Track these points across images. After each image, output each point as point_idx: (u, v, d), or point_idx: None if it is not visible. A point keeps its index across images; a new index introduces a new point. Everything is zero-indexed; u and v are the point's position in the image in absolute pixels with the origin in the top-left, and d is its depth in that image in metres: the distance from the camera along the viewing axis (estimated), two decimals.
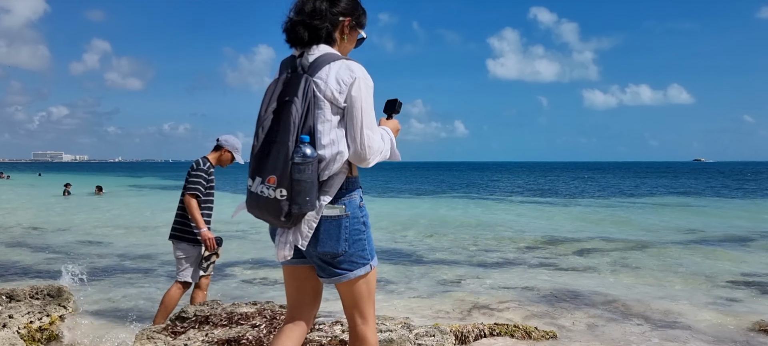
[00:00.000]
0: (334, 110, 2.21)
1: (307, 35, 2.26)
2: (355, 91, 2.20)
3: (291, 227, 2.26)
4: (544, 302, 7.05)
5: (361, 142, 2.21)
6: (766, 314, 6.53)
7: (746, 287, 8.07)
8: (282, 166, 2.12)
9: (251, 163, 2.25)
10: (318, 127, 2.20)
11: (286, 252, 2.30)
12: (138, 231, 14.80)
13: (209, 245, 5.28)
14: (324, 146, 2.20)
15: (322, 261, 2.32)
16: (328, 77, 2.20)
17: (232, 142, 5.49)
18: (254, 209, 2.25)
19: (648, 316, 6.43)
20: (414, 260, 10.44)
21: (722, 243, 12.81)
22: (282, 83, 2.23)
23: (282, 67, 2.33)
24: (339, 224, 2.28)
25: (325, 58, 2.23)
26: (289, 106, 2.15)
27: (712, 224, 17.02)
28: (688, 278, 8.64)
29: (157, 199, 28.68)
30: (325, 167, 2.22)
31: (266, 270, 9.34)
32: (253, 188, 2.21)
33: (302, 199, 2.15)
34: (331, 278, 2.34)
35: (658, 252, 11.33)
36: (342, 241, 2.28)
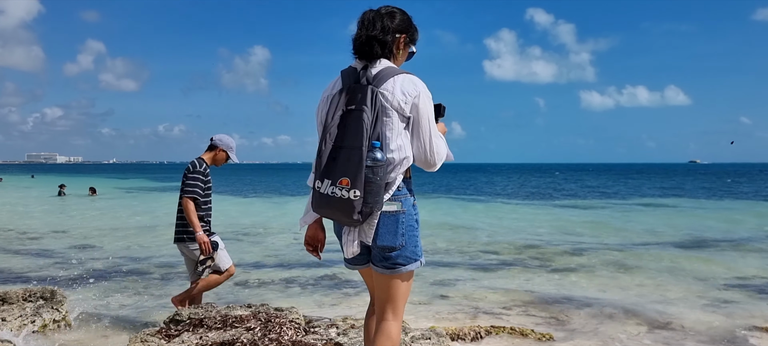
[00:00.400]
0: (400, 119, 2.42)
1: (376, 50, 2.49)
2: (421, 103, 2.44)
3: (358, 226, 2.45)
4: (541, 304, 7.05)
5: (431, 150, 2.46)
6: (761, 316, 6.56)
7: (740, 289, 8.08)
8: (355, 169, 2.30)
9: (318, 167, 2.42)
10: (386, 133, 2.40)
11: (355, 248, 2.50)
12: (131, 233, 14.73)
13: (204, 249, 5.27)
14: (392, 151, 2.42)
15: (381, 255, 2.52)
16: (394, 89, 2.41)
17: (227, 142, 5.48)
18: (324, 208, 2.43)
19: (643, 318, 6.43)
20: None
21: (715, 245, 12.84)
22: (347, 93, 2.42)
23: (344, 77, 2.52)
24: (396, 219, 2.47)
25: (388, 72, 2.44)
26: (359, 114, 2.34)
27: (704, 226, 17.07)
28: (682, 280, 8.65)
29: (151, 201, 28.57)
30: (392, 170, 2.44)
31: (261, 272, 9.31)
32: (322, 189, 2.38)
33: (373, 199, 2.35)
34: (387, 270, 2.54)
35: (653, 254, 11.34)
36: (399, 235, 2.49)
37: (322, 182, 2.38)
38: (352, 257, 2.56)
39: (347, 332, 4.89)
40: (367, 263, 2.63)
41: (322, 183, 2.38)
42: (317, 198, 2.43)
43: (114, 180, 60.16)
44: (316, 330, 5.12)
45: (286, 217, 19.78)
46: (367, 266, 2.64)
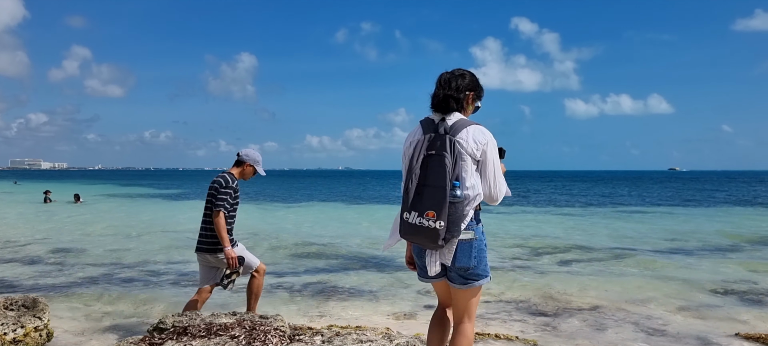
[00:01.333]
0: (472, 162, 2.95)
1: (451, 105, 3.02)
2: (489, 149, 2.98)
3: (440, 249, 2.96)
4: (526, 310, 7.07)
5: (495, 188, 3.00)
6: (747, 321, 6.62)
7: (726, 294, 8.16)
8: (440, 204, 2.82)
9: (406, 202, 2.93)
10: (462, 175, 2.92)
11: (437, 268, 3.03)
12: (115, 241, 14.60)
13: (232, 264, 5.37)
14: (467, 189, 2.93)
15: (457, 273, 3.05)
16: (467, 138, 2.94)
17: (253, 156, 5.62)
18: (412, 235, 2.95)
19: (630, 323, 6.47)
20: (397, 269, 10.41)
21: (692, 251, 12.96)
22: (428, 141, 2.94)
23: (424, 127, 3.04)
24: (470, 245, 3.01)
25: (461, 123, 2.97)
26: (442, 159, 2.86)
27: (682, 231, 17.22)
28: (668, 286, 8.71)
29: (136, 208, 28.32)
30: (468, 204, 2.94)
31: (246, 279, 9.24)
32: (411, 219, 2.90)
33: (454, 228, 2.88)
34: (463, 286, 3.08)
35: (637, 260, 11.43)
36: (472, 258, 3.02)
37: (410, 214, 2.90)
38: (432, 274, 3.08)
39: (332, 340, 4.87)
40: (441, 278, 3.15)
41: (410, 214, 2.90)
42: (406, 227, 2.94)
43: (99, 186, 59.63)
44: (302, 338, 5.11)
45: (273, 224, 19.70)
46: (441, 280, 3.17)
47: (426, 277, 3.18)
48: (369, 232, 17.00)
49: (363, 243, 14.20)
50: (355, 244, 13.97)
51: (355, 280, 9.12)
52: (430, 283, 3.23)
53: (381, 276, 9.51)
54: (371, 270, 10.16)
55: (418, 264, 3.19)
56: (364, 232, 16.99)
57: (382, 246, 3.28)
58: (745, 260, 11.57)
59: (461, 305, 3.13)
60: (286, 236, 15.59)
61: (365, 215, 23.92)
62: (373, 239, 15.09)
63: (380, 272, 10.03)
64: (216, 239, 5.41)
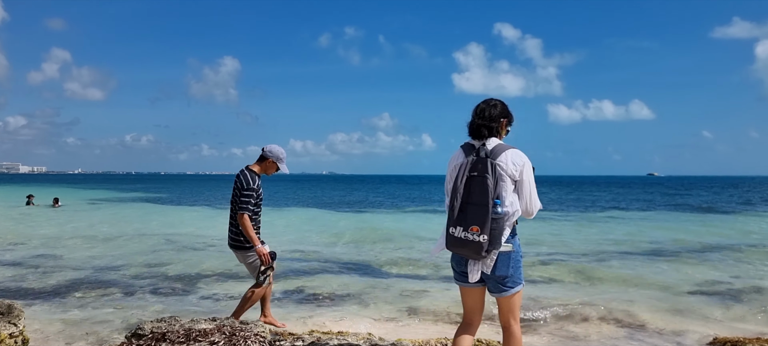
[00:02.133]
0: (511, 182, 3.31)
1: (486, 133, 3.39)
2: (526, 171, 3.35)
3: (481, 260, 3.31)
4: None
5: (531, 204, 3.37)
6: (724, 322, 6.71)
7: (702, 296, 8.25)
8: (484, 220, 3.17)
9: (451, 217, 3.28)
10: (502, 193, 3.28)
11: (477, 276, 3.37)
12: (94, 245, 14.41)
13: (265, 260, 5.53)
14: (507, 206, 3.29)
15: (495, 282, 3.39)
16: (506, 160, 3.30)
17: (277, 153, 5.68)
18: (458, 248, 3.30)
19: (610, 327, 6.52)
20: (379, 273, 10.40)
21: (672, 255, 13.10)
22: (470, 163, 3.30)
23: (465, 150, 3.42)
24: (508, 256, 3.36)
25: (500, 148, 3.35)
26: (485, 180, 3.22)
27: (659, 236, 17.41)
28: (644, 289, 8.80)
29: (116, 212, 28.00)
30: (507, 220, 3.29)
31: (227, 285, 9.19)
32: (457, 233, 3.25)
33: (495, 241, 3.23)
34: (501, 293, 3.42)
35: (616, 263, 11.53)
36: (510, 268, 3.36)
37: (456, 229, 3.25)
38: (472, 281, 3.40)
39: None
40: (479, 285, 3.48)
41: (455, 229, 3.25)
42: (452, 240, 3.28)
43: (79, 191, 58.88)
44: (282, 344, 5.08)
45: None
46: (475, 286, 3.48)
47: (465, 282, 3.49)
48: (352, 237, 16.97)
49: (345, 248, 14.17)
50: (337, 249, 13.94)
51: (336, 285, 9.09)
52: (466, 288, 3.53)
53: (363, 281, 9.49)
54: (353, 275, 10.14)
55: (457, 271, 3.54)
56: (347, 237, 16.95)
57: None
58: (717, 262, 11.71)
59: (505, 310, 3.48)
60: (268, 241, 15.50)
61: (349, 220, 23.88)
62: (355, 243, 15.06)
63: (362, 277, 10.02)
64: (240, 237, 5.53)
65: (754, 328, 6.63)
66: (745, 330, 6.49)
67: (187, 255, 12.63)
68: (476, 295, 3.54)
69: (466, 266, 3.42)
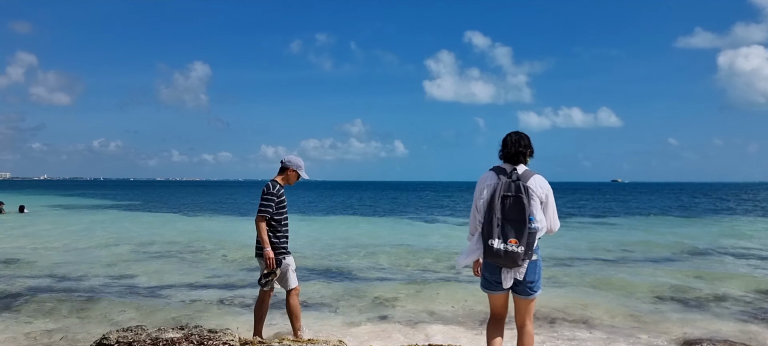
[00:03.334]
0: (540, 202, 3.86)
1: (520, 159, 3.96)
2: (550, 194, 3.93)
3: (516, 268, 3.82)
4: (477, 321, 7.14)
5: (554, 222, 3.96)
6: (691, 325, 6.84)
7: (667, 301, 8.41)
8: (520, 233, 3.72)
9: (490, 231, 3.77)
10: (534, 212, 3.81)
11: (510, 282, 3.89)
12: (59, 253, 14.09)
13: (269, 264, 5.54)
14: (537, 222, 3.81)
15: (525, 286, 3.91)
16: (535, 184, 3.86)
17: (296, 162, 5.87)
18: (497, 258, 3.78)
19: (576, 332, 6.60)
20: (351, 279, 10.38)
21: (633, 261, 13.33)
22: (504, 185, 3.82)
23: (498, 173, 3.93)
24: (535, 264, 3.91)
25: (528, 173, 3.90)
26: (520, 199, 3.76)
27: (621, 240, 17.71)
28: (609, 294, 8.92)
29: (83, 218, 27.43)
30: (537, 234, 3.82)
31: (195, 292, 9.07)
32: (495, 245, 3.74)
33: (529, 252, 3.77)
34: (527, 296, 3.96)
35: (577, 269, 11.69)
36: (536, 274, 3.93)
37: (496, 241, 3.74)
38: (507, 287, 3.92)
39: None
40: (507, 290, 3.98)
41: (495, 241, 3.74)
42: (492, 251, 3.76)
43: (45, 197, 57.58)
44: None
45: (228, 236, 19.38)
46: (503, 292, 4.00)
47: (498, 289, 3.98)
48: (325, 243, 16.90)
49: (318, 255, 14.11)
50: (310, 256, 13.86)
51: (308, 291, 9.05)
52: (496, 294, 4.03)
53: (335, 288, 9.46)
54: (325, 282, 10.10)
55: (491, 279, 3.97)
56: (319, 243, 16.88)
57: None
58: (681, 267, 11.96)
59: (524, 312, 4.02)
60: (239, 248, 15.35)
61: (320, 226, 23.80)
62: (328, 249, 15.00)
63: (335, 283, 9.98)
64: (272, 243, 5.60)
65: (722, 329, 6.77)
66: (712, 332, 6.62)
67: (154, 263, 12.45)
68: (504, 299, 4.09)
69: (500, 275, 3.91)
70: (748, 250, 15.44)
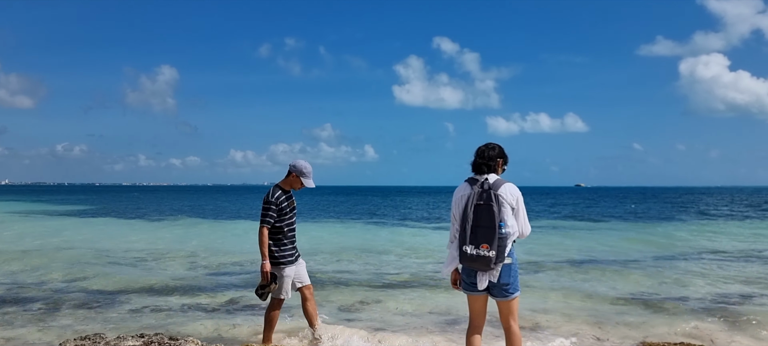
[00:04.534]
0: (511, 209, 4.06)
1: (486, 169, 4.19)
2: (520, 201, 4.13)
3: (489, 271, 4.06)
4: (441, 324, 7.18)
5: (525, 227, 4.13)
6: (652, 325, 6.98)
7: (628, 304, 8.56)
8: (492, 239, 3.93)
9: (464, 238, 4.00)
10: (504, 218, 4.01)
11: (485, 284, 4.11)
12: (17, 259, 13.66)
13: (264, 277, 5.41)
14: (508, 227, 4.02)
15: (500, 289, 4.12)
16: (506, 192, 4.06)
17: (299, 167, 5.58)
18: (471, 262, 4.02)
19: (537, 335, 6.68)
20: (319, 285, 10.34)
21: (593, 263, 13.54)
22: (476, 194, 4.05)
23: (470, 183, 4.17)
24: (510, 267, 4.12)
25: (499, 182, 4.11)
26: (490, 207, 3.97)
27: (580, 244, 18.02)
28: (571, 298, 9.03)
29: (43, 224, 26.75)
30: (508, 239, 4.02)
31: (160, 298, 8.93)
32: (470, 251, 3.98)
33: (500, 256, 3.98)
34: (504, 298, 4.16)
35: (539, 274, 11.84)
36: (511, 276, 4.12)
37: (469, 246, 3.97)
38: (481, 288, 4.14)
39: None
40: (484, 292, 4.19)
41: (468, 247, 3.97)
42: (465, 256, 4.01)
43: (4, 203, 56.02)
44: None
45: (194, 241, 19.13)
46: (482, 293, 4.20)
47: (474, 290, 4.19)
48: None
49: None
50: None
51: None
52: (474, 296, 4.24)
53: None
54: None
55: (467, 281, 4.21)
56: None
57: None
58: (640, 271, 12.20)
59: (506, 313, 4.21)
60: (205, 253, 15.18)
61: None
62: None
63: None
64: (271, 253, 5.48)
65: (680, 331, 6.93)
66: (670, 334, 6.77)
67: (114, 269, 12.23)
68: (481, 301, 4.27)
69: (476, 277, 4.13)
70: (706, 252, 15.83)
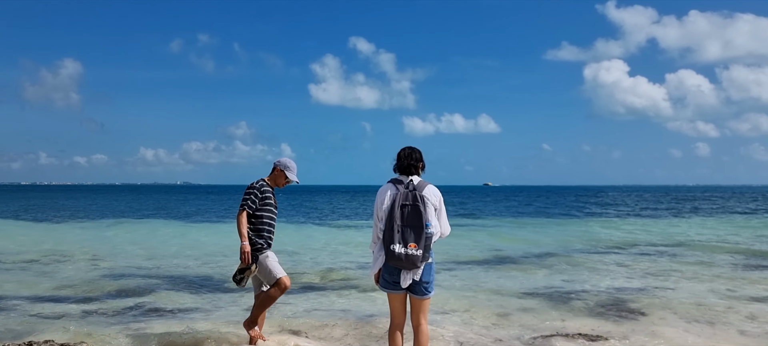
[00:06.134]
0: (434, 209, 4.27)
1: (413, 171, 4.36)
2: (442, 201, 4.35)
3: (413, 270, 4.19)
4: (346, 324, 7.14)
5: (446, 227, 4.38)
6: (550, 318, 7.24)
7: (530, 298, 8.86)
8: (419, 238, 4.11)
9: (392, 237, 4.11)
10: (429, 218, 4.21)
11: (408, 283, 4.22)
12: None
13: (244, 259, 5.30)
14: (433, 227, 4.22)
15: (421, 286, 4.27)
16: (430, 193, 4.28)
17: (284, 162, 5.60)
18: (399, 261, 4.13)
19: (442, 331, 6.77)
20: (229, 287, 10.07)
21: (494, 262, 13.96)
22: (402, 195, 4.20)
23: (395, 184, 4.31)
24: (430, 266, 4.31)
25: (422, 183, 4.32)
26: (417, 207, 4.15)
27: (485, 242, 18.62)
28: (481, 294, 9.26)
29: None
30: (432, 238, 4.21)
31: (56, 305, 8.39)
32: (397, 250, 4.09)
33: (425, 255, 4.16)
34: (423, 295, 4.32)
35: (447, 270, 12.09)
36: (430, 275, 4.32)
37: (397, 245, 4.09)
38: (405, 286, 4.25)
39: None
40: (402, 291, 4.30)
41: (396, 246, 4.09)
42: (394, 255, 4.12)
43: None
44: None
45: (96, 243, 18.16)
46: (402, 292, 4.32)
47: (396, 289, 4.30)
48: (205, 250, 16.28)
49: (197, 261, 13.59)
50: (189, 262, 13.33)
51: (183, 299, 8.68)
52: (394, 294, 4.34)
53: (206, 292, 9.17)
54: (201, 289, 9.76)
55: (390, 280, 4.29)
56: (200, 249, 16.24)
57: (370, 273, 4.49)
58: (544, 266, 12.72)
59: (419, 311, 4.35)
60: (108, 256, 14.47)
61: (202, 232, 22.97)
62: (204, 256, 14.46)
63: (211, 290, 9.67)
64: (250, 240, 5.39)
65: (576, 323, 7.22)
66: (566, 326, 7.05)
67: (4, 275, 11.43)
68: (402, 299, 4.38)
69: (399, 275, 4.22)
70: (606, 247, 16.71)
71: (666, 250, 16.26)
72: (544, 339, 6.40)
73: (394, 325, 4.42)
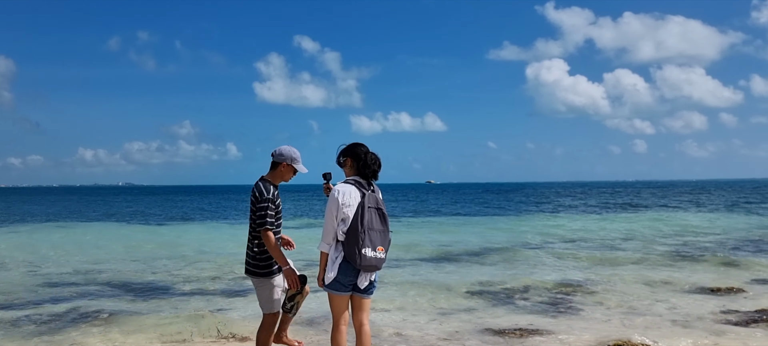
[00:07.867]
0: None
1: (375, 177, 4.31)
2: None
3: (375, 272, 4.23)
4: (297, 328, 7.09)
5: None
6: (498, 315, 7.38)
7: (478, 296, 9.00)
8: (386, 242, 4.15)
9: (362, 241, 4.01)
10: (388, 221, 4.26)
11: (365, 284, 4.18)
12: None
13: (292, 285, 4.59)
14: (391, 231, 4.27)
15: (372, 286, 4.28)
16: (381, 198, 4.29)
17: (288, 154, 4.73)
18: (369, 265, 4.06)
19: (383, 327, 6.80)
20: (170, 292, 9.85)
21: (437, 259, 14.13)
22: (369, 199, 4.11)
23: (359, 187, 4.17)
24: None
25: (376, 188, 4.29)
26: (382, 212, 4.16)
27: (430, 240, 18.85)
28: (425, 291, 9.32)
29: None
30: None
31: None
32: (368, 254, 4.02)
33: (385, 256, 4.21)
34: (369, 295, 4.31)
35: (388, 267, 12.18)
36: (376, 274, 4.29)
37: (366, 250, 4.02)
38: (362, 288, 4.19)
39: None
40: (350, 291, 4.22)
41: (366, 250, 4.02)
42: (365, 259, 4.03)
43: None
44: None
45: (27, 248, 17.41)
46: (347, 293, 4.21)
47: (348, 291, 4.20)
48: (146, 254, 15.84)
49: (137, 266, 13.20)
50: (128, 267, 12.94)
51: (120, 304, 8.42)
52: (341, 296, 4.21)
53: (151, 301, 8.94)
54: (141, 294, 9.52)
55: (344, 282, 4.14)
56: (140, 253, 15.78)
57: (326, 280, 4.15)
58: (488, 262, 12.96)
59: (364, 311, 4.32)
60: (46, 262, 13.91)
61: (144, 235, 22.35)
62: (144, 259, 14.08)
63: (151, 296, 9.43)
64: (255, 261, 4.65)
65: (524, 319, 7.39)
66: (514, 322, 7.20)
67: None
68: (347, 300, 4.28)
69: (356, 277, 4.14)
70: (550, 244, 17.13)
71: (606, 244, 16.86)
72: (481, 333, 6.52)
73: (340, 326, 4.27)
